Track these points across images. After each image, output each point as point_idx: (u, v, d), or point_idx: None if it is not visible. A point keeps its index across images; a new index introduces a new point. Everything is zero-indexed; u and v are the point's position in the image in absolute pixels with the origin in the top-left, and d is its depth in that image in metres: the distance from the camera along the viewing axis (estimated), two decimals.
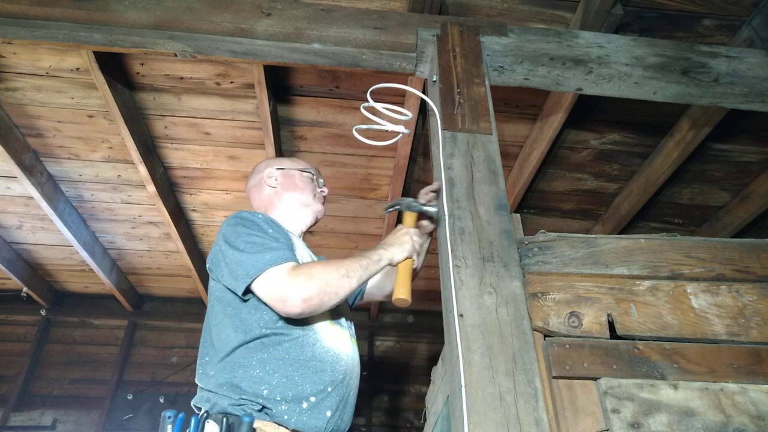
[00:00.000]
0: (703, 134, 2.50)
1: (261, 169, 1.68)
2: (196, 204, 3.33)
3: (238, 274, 1.28)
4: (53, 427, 3.98)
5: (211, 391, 1.24)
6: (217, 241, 1.39)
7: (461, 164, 1.44)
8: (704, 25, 2.16)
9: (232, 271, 1.30)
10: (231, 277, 1.30)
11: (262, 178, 1.64)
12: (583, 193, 3.19)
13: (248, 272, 1.26)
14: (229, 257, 1.32)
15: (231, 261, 1.31)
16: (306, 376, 1.25)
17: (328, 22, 1.76)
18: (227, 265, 1.32)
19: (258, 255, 1.28)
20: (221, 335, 1.31)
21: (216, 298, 1.37)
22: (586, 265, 1.31)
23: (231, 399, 1.20)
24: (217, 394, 1.22)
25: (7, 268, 3.67)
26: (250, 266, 1.27)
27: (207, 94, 2.56)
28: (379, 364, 4.52)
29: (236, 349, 1.27)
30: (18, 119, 2.68)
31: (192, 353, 4.40)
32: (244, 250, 1.30)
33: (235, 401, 1.20)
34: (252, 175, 1.70)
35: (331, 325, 1.39)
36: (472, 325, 1.15)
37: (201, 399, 1.26)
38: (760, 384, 1.16)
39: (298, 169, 1.67)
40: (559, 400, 1.12)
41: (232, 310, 1.32)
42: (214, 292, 1.38)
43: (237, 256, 1.30)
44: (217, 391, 1.22)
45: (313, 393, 1.24)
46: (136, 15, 1.72)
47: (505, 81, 1.82)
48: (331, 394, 1.27)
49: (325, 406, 1.24)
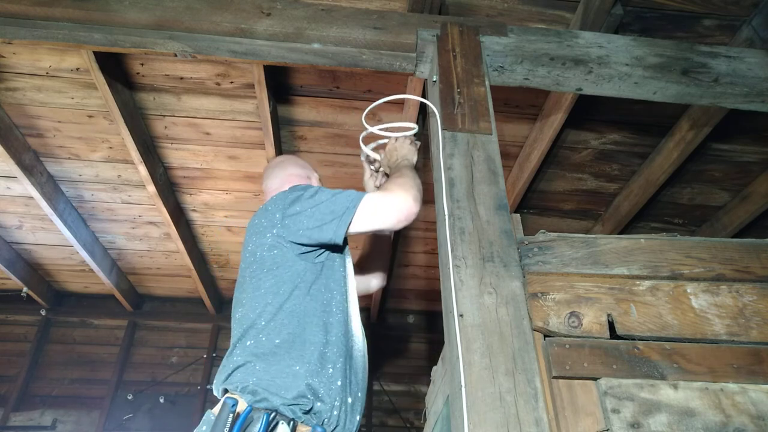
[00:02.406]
0: (703, 134, 2.50)
1: (286, 166, 1.66)
2: (196, 204, 3.33)
3: (336, 212, 1.27)
4: (53, 427, 3.98)
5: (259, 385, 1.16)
6: (275, 209, 1.34)
7: (461, 164, 1.44)
8: (704, 25, 2.16)
9: (319, 215, 1.28)
10: (321, 221, 1.27)
11: (299, 176, 1.63)
12: (583, 193, 3.19)
13: (347, 206, 1.27)
14: (308, 207, 1.30)
15: (314, 209, 1.29)
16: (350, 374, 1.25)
17: (328, 22, 1.76)
18: (311, 214, 1.29)
19: (342, 195, 1.31)
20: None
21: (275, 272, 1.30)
22: (586, 265, 1.31)
23: (283, 398, 1.13)
24: (268, 390, 1.14)
25: (7, 268, 3.68)
26: (344, 200, 1.28)
27: (207, 94, 2.56)
28: (379, 364, 4.52)
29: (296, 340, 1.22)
30: (18, 119, 2.68)
31: (192, 353, 4.40)
32: (324, 200, 1.30)
33: (287, 401, 1.12)
34: (273, 174, 1.65)
35: (362, 331, 1.39)
36: (472, 325, 1.15)
37: (243, 389, 1.15)
38: (760, 384, 1.15)
39: (317, 178, 1.71)
40: (559, 400, 1.12)
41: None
42: (275, 265, 1.30)
43: (320, 205, 1.29)
44: (268, 388, 1.14)
45: (352, 393, 1.23)
46: (136, 15, 1.72)
47: (505, 81, 1.82)
48: (361, 398, 1.27)
49: (357, 410, 1.24)
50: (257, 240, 1.35)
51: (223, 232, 3.60)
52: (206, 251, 3.83)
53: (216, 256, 3.91)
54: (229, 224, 3.52)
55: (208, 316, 4.47)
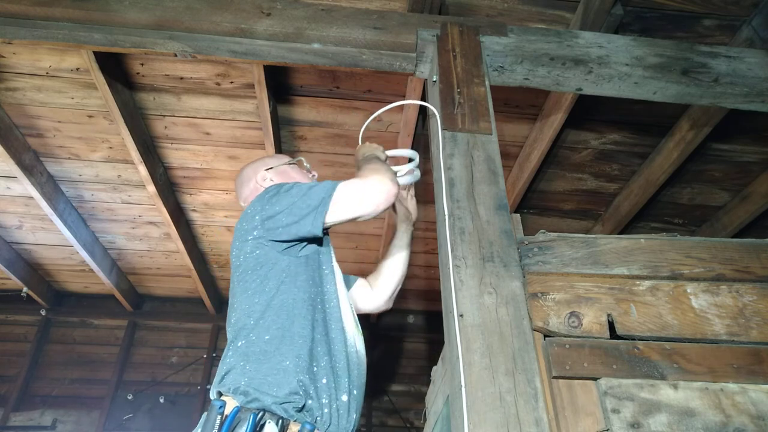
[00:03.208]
0: (703, 134, 2.50)
1: (250, 175, 1.61)
2: (196, 204, 3.33)
3: (311, 205, 1.27)
4: (53, 427, 3.98)
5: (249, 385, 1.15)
6: (254, 212, 1.35)
7: (461, 164, 1.44)
8: (704, 25, 2.16)
9: (296, 210, 1.28)
10: (299, 216, 1.27)
11: (257, 183, 1.58)
12: (583, 193, 3.19)
13: (322, 197, 1.27)
14: (286, 206, 1.29)
15: (292, 206, 1.29)
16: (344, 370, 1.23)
17: (328, 22, 1.76)
18: (289, 211, 1.29)
19: (317, 186, 1.30)
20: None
21: (257, 271, 1.30)
22: (586, 265, 1.31)
23: (274, 397, 1.12)
24: (259, 390, 1.13)
25: (7, 268, 3.68)
26: (320, 191, 1.28)
27: (207, 94, 2.56)
28: (379, 364, 4.52)
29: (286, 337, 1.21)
30: (18, 119, 2.68)
31: (192, 353, 4.41)
32: (300, 195, 1.30)
33: (279, 399, 1.12)
34: (242, 186, 1.62)
35: (356, 327, 1.38)
36: (472, 325, 1.15)
37: (234, 390, 1.15)
38: (760, 384, 1.15)
39: (285, 163, 1.63)
40: (559, 400, 1.12)
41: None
42: (258, 265, 1.31)
43: (297, 200, 1.29)
44: (259, 388, 1.14)
45: (345, 390, 1.21)
46: (136, 15, 1.72)
47: (505, 81, 1.82)
48: (356, 396, 1.25)
49: (353, 408, 1.22)
50: (240, 245, 1.35)
51: (223, 232, 3.60)
52: (206, 251, 3.83)
53: (216, 256, 3.91)
54: (229, 224, 3.52)
55: (208, 316, 4.47)
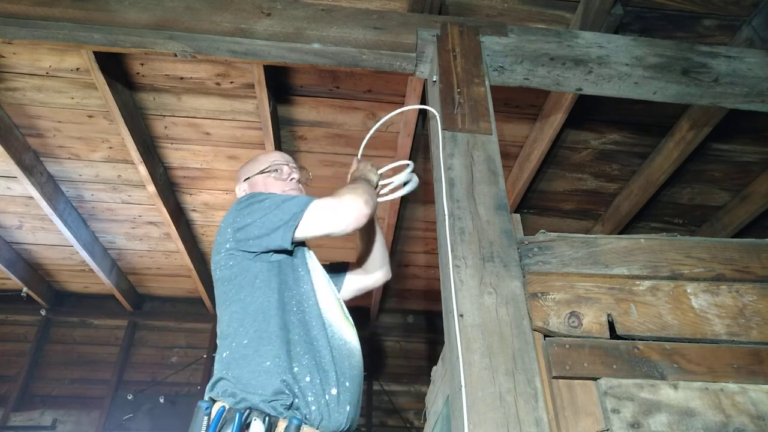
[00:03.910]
0: (703, 134, 2.50)
1: (238, 178, 1.66)
2: (196, 204, 3.33)
3: (283, 219, 1.28)
4: (53, 427, 3.98)
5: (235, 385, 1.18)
6: (227, 224, 1.37)
7: (461, 164, 1.44)
8: (704, 25, 2.16)
9: (268, 223, 1.29)
10: (270, 229, 1.29)
11: (236, 192, 1.65)
12: (583, 193, 3.19)
13: (294, 212, 1.28)
14: (258, 218, 1.31)
15: (263, 218, 1.30)
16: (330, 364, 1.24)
17: (328, 22, 1.76)
18: (261, 224, 1.30)
19: (291, 201, 1.31)
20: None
21: (234, 281, 1.33)
22: (586, 265, 1.31)
23: (262, 396, 1.14)
24: (246, 390, 1.16)
25: (7, 268, 3.68)
26: (292, 206, 1.29)
27: (207, 94, 2.56)
28: (379, 364, 4.52)
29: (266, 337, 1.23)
30: (18, 119, 2.68)
31: (192, 353, 4.40)
32: (273, 208, 1.31)
33: (267, 398, 1.13)
34: (235, 186, 1.69)
35: (344, 320, 1.38)
36: (472, 325, 1.15)
37: (223, 393, 1.18)
38: (760, 384, 1.15)
39: (259, 172, 1.60)
40: (559, 400, 1.12)
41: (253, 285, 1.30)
42: (233, 275, 1.34)
43: (269, 213, 1.30)
44: (246, 389, 1.16)
45: (333, 384, 1.22)
46: (136, 15, 1.72)
47: (505, 81, 1.82)
48: (349, 388, 1.25)
49: (345, 400, 1.22)
50: (217, 259, 1.38)
51: None
52: (206, 251, 3.83)
53: None
54: None
55: (208, 316, 4.47)
